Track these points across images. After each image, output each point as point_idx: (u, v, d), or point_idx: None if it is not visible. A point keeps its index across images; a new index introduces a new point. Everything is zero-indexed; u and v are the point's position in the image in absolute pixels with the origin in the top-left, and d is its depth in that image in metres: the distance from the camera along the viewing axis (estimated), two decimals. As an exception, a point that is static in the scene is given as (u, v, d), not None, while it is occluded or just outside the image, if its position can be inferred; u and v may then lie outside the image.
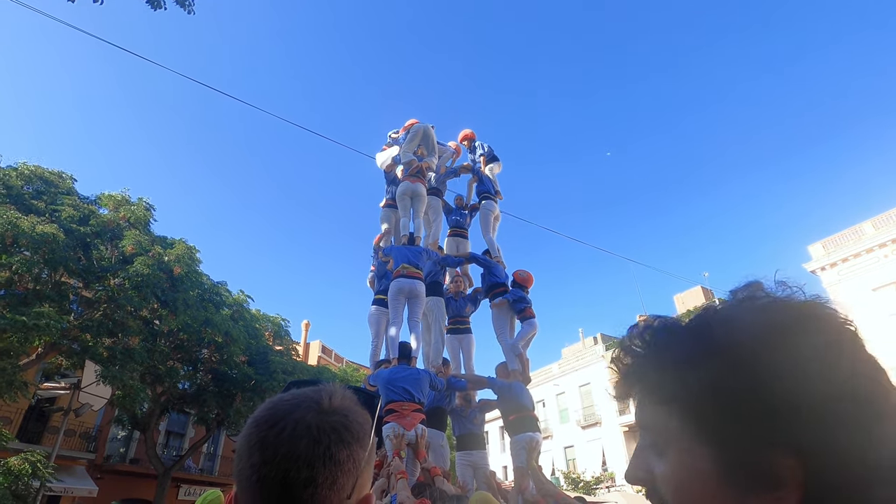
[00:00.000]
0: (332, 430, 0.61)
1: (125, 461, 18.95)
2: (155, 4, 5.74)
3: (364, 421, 0.66)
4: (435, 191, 8.05)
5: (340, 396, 0.67)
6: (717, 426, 0.41)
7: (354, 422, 0.64)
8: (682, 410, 0.43)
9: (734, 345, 0.42)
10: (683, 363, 0.44)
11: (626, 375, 0.50)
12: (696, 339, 0.45)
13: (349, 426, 0.63)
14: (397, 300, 6.25)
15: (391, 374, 5.12)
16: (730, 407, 0.40)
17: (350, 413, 0.65)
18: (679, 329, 0.48)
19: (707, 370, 0.42)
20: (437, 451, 5.48)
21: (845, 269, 22.31)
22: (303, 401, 0.64)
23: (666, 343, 0.47)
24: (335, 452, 0.60)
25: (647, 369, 0.48)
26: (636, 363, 0.49)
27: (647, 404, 0.47)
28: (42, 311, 10.56)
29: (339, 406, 0.65)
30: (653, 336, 0.49)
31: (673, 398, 0.44)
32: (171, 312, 13.36)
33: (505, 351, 6.53)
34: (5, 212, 10.77)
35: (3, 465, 9.87)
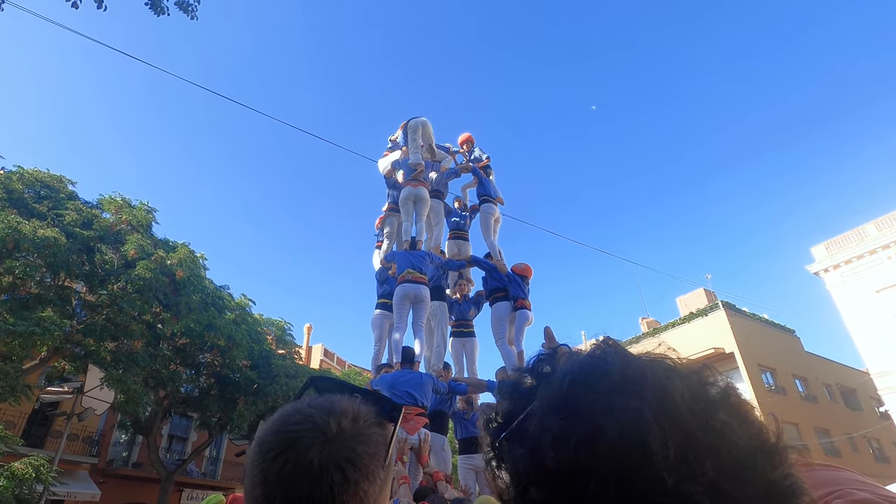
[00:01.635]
0: (335, 467, 0.57)
1: (128, 465, 18.95)
2: (158, 10, 5.79)
3: (377, 447, 0.61)
4: (436, 193, 8.06)
5: (352, 417, 0.62)
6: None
7: (364, 453, 0.59)
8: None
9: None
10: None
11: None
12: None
13: (356, 460, 0.58)
14: (402, 305, 6.27)
15: (394, 378, 5.13)
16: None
17: (360, 440, 0.60)
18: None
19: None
20: (439, 454, 5.48)
21: (848, 270, 22.25)
22: (309, 428, 0.59)
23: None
24: (337, 494, 0.56)
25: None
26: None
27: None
28: (43, 316, 10.60)
29: (349, 432, 0.60)
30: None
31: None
32: (174, 316, 13.39)
33: (503, 355, 6.53)
34: (7, 216, 10.83)
35: (7, 469, 9.89)
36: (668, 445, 0.33)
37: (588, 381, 0.39)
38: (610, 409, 0.35)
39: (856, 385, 27.13)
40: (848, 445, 23.82)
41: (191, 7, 5.95)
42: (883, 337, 20.35)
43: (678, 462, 0.33)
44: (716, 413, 0.36)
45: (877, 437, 25.10)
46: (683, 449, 0.33)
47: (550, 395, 0.40)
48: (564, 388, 0.39)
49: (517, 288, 6.75)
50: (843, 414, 25.80)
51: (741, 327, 24.24)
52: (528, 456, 0.38)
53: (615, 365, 0.39)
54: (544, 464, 0.37)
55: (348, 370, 29.17)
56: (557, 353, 0.45)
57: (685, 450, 0.33)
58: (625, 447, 0.33)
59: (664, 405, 0.35)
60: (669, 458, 0.33)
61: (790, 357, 25.70)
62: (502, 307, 6.71)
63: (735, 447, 0.35)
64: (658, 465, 0.32)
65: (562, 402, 0.39)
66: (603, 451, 0.34)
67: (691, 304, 28.36)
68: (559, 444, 0.36)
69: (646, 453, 0.33)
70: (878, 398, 22.13)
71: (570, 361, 0.43)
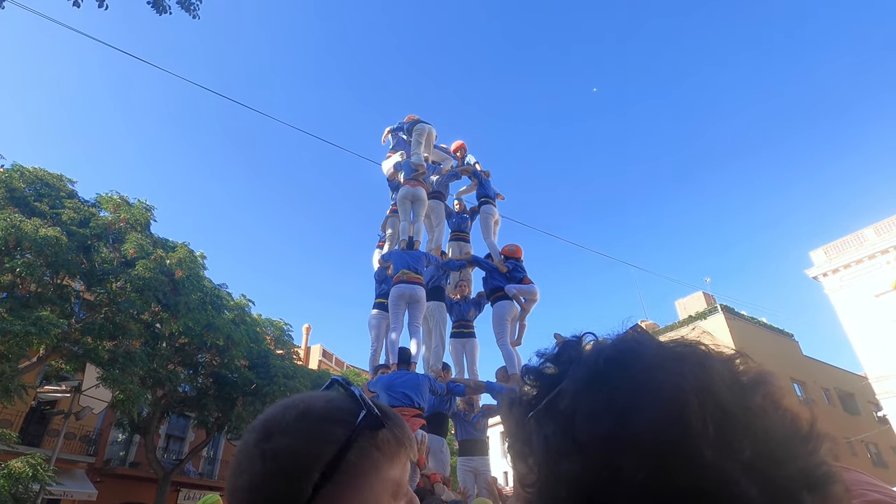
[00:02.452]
0: (261, 458, 0.51)
1: (125, 465, 18.90)
2: (160, 9, 5.79)
3: (317, 444, 0.51)
4: (437, 194, 8.07)
5: (302, 410, 0.54)
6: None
7: (290, 447, 0.51)
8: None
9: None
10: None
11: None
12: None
13: (279, 454, 0.51)
14: (398, 305, 6.26)
15: (391, 379, 5.12)
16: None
17: (292, 435, 0.52)
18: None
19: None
20: (438, 456, 5.47)
21: (847, 275, 22.27)
22: (259, 422, 0.55)
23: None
24: (259, 483, 0.50)
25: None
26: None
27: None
28: (41, 316, 10.57)
29: (288, 426, 0.53)
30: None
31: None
32: (173, 316, 13.37)
33: (504, 355, 6.53)
34: (8, 215, 10.82)
35: (3, 467, 9.86)
36: (707, 422, 0.33)
37: (624, 359, 0.39)
38: (649, 384, 0.35)
39: (854, 389, 27.14)
40: (846, 450, 23.81)
41: (192, 5, 5.95)
42: (881, 341, 20.36)
43: (716, 438, 0.33)
44: (753, 396, 0.36)
45: (875, 441, 25.09)
46: (722, 426, 0.33)
47: (584, 372, 0.40)
48: (600, 365, 0.39)
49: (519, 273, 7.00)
50: (841, 418, 25.79)
51: (740, 331, 24.26)
52: (560, 432, 0.38)
53: (650, 345, 0.40)
54: (577, 437, 0.36)
55: (347, 370, 29.15)
56: (582, 340, 0.45)
57: (723, 427, 0.33)
58: (664, 421, 0.33)
59: (703, 382, 0.35)
60: (708, 434, 0.33)
61: (788, 361, 25.71)
62: (503, 307, 6.71)
63: (771, 430, 0.35)
64: (697, 439, 0.33)
65: (597, 378, 0.38)
66: (640, 425, 0.34)
67: (690, 307, 28.37)
68: (594, 419, 0.36)
69: (685, 428, 0.33)
70: (876, 402, 22.13)
71: (602, 344, 0.43)
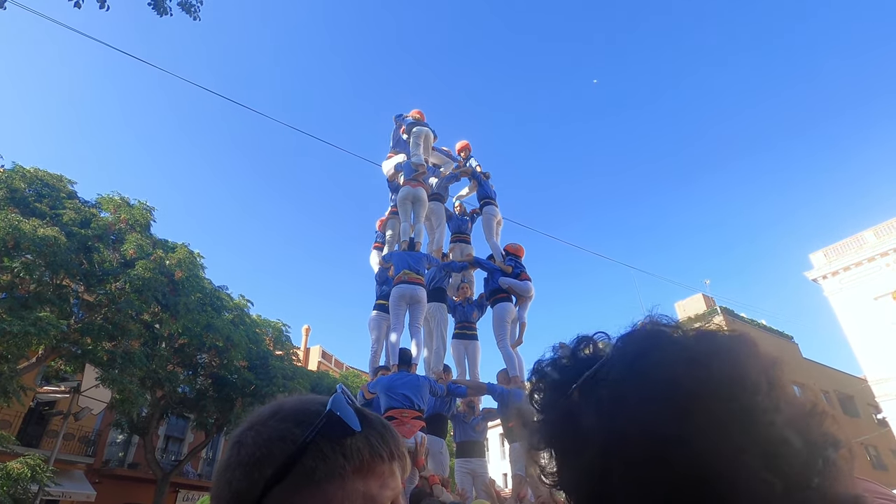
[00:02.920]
0: (232, 446, 0.53)
1: (124, 465, 18.87)
2: (160, 10, 5.80)
3: (272, 442, 0.50)
4: (437, 196, 8.08)
5: (275, 409, 0.54)
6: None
7: (252, 440, 0.51)
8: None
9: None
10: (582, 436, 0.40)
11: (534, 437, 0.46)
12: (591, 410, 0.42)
13: (243, 444, 0.51)
14: (399, 306, 6.26)
15: (391, 380, 5.12)
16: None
17: (257, 429, 0.52)
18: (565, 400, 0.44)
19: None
20: (437, 457, 5.46)
21: (847, 277, 22.27)
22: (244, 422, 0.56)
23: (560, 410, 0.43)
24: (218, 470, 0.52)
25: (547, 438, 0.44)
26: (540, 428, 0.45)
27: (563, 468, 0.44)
28: (40, 316, 10.56)
29: (258, 421, 0.53)
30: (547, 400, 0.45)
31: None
32: (172, 316, 13.37)
33: (505, 357, 6.53)
34: (7, 215, 10.82)
35: (2, 468, 9.84)
36: (760, 386, 0.39)
37: (669, 335, 0.43)
38: (713, 349, 0.41)
39: (853, 392, 27.14)
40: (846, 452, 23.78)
41: (193, 8, 5.96)
42: (881, 344, 20.36)
43: (766, 396, 0.39)
44: (777, 410, 0.41)
45: (874, 443, 25.06)
46: (739, 428, 0.38)
47: (633, 346, 0.43)
48: (632, 359, 0.42)
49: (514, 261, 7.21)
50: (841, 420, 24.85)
51: (739, 333, 24.23)
52: (612, 400, 0.40)
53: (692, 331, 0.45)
54: (648, 395, 0.39)
55: (346, 371, 29.12)
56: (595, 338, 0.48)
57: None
58: (728, 377, 0.39)
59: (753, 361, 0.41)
60: (762, 393, 0.39)
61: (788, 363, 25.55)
62: (503, 308, 6.71)
63: (791, 449, 0.39)
64: (756, 396, 0.39)
65: (646, 350, 0.42)
66: (707, 379, 0.38)
67: (689, 309, 28.37)
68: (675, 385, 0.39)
69: (744, 385, 0.39)
70: (875, 405, 22.11)
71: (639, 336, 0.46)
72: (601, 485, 0.39)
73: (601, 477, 0.39)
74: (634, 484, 0.38)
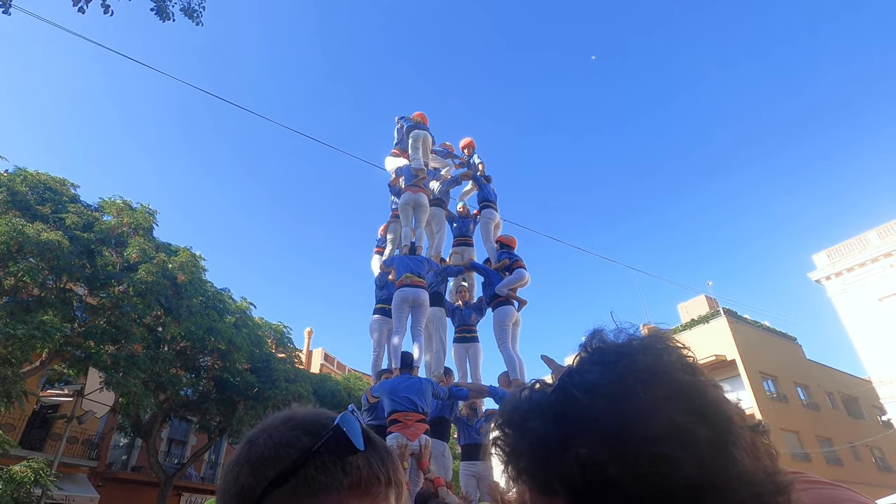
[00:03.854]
0: (243, 444, 0.56)
1: (127, 469, 18.89)
2: (163, 16, 5.83)
3: (281, 449, 0.52)
4: (438, 201, 8.09)
5: (286, 417, 0.57)
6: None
7: (264, 444, 0.53)
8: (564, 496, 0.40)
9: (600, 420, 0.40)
10: (554, 448, 0.41)
11: (507, 463, 0.46)
12: (560, 419, 0.42)
13: (254, 446, 0.54)
14: (401, 309, 6.27)
15: (394, 384, 5.12)
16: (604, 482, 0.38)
17: (264, 435, 0.55)
18: (544, 408, 0.44)
19: (576, 452, 0.39)
20: (440, 461, 5.46)
21: (850, 278, 22.20)
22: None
23: (535, 428, 0.44)
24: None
25: (524, 460, 0.44)
26: (513, 453, 0.45)
27: (534, 494, 0.44)
28: (44, 320, 10.59)
29: (271, 427, 0.56)
30: (520, 421, 0.45)
31: (551, 488, 0.41)
32: (175, 320, 13.40)
33: (506, 360, 6.52)
34: (11, 219, 10.87)
35: (5, 472, 9.87)
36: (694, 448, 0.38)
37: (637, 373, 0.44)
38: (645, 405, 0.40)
39: (858, 393, 27.00)
40: (850, 454, 23.68)
41: (196, 13, 5.99)
42: (885, 345, 20.27)
43: (703, 460, 0.37)
44: (736, 438, 0.40)
45: (879, 445, 24.94)
46: (705, 455, 0.38)
47: (610, 374, 0.44)
48: (621, 370, 0.44)
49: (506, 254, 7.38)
50: (845, 422, 25.65)
51: (743, 334, 24.15)
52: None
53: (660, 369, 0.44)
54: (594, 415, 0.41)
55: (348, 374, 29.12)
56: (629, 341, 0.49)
57: (708, 455, 0.38)
58: (654, 432, 0.38)
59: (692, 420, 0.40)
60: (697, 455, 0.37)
61: (792, 365, 25.59)
62: (504, 311, 6.71)
63: (748, 474, 0.39)
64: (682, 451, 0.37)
65: (613, 381, 0.43)
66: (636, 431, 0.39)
67: (692, 310, 28.29)
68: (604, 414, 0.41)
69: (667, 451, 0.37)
70: (880, 407, 22.01)
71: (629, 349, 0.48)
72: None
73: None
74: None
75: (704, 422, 0.39)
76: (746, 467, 0.38)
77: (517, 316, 6.79)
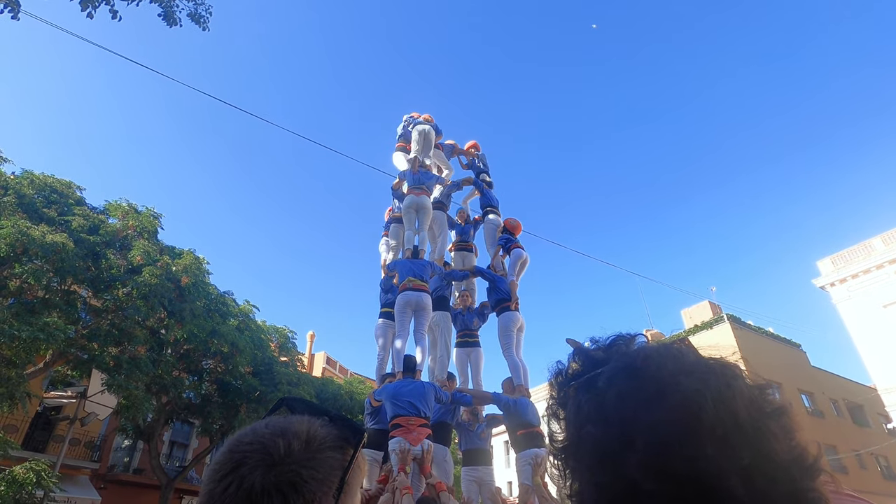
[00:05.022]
0: (276, 491, 0.55)
1: (128, 471, 18.89)
2: (170, 21, 5.88)
3: (328, 472, 0.59)
4: (439, 205, 8.10)
5: (305, 439, 0.59)
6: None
7: (311, 478, 0.57)
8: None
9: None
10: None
11: (566, 458, 0.50)
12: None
13: (300, 485, 0.56)
14: (404, 313, 6.27)
15: (396, 388, 5.11)
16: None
17: (308, 465, 0.58)
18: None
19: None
20: (441, 466, 5.44)
21: (855, 285, 22.08)
22: (256, 450, 0.58)
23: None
24: None
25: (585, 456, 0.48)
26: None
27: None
28: (47, 322, 10.63)
29: (297, 455, 0.58)
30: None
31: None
32: (178, 322, 13.42)
33: (510, 365, 6.50)
34: (16, 221, 10.93)
35: (7, 473, 9.88)
36: (717, 426, 0.40)
37: (660, 360, 0.46)
38: (676, 383, 0.42)
39: (863, 401, 26.77)
40: (855, 462, 23.46)
41: (203, 19, 6.04)
42: (890, 352, 20.12)
43: (722, 441, 0.39)
44: (768, 421, 0.43)
45: (885, 454, 24.71)
46: (730, 434, 0.40)
47: (624, 362, 0.47)
48: (639, 360, 0.47)
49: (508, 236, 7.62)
50: (850, 430, 25.43)
51: (746, 341, 24.02)
52: (592, 401, 0.46)
53: (689, 355, 0.47)
54: (605, 411, 0.44)
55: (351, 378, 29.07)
56: (634, 338, 0.52)
57: (731, 435, 0.40)
58: (680, 413, 0.40)
59: (724, 395, 0.42)
60: (716, 435, 0.39)
61: (796, 371, 25.42)
62: (509, 317, 6.70)
63: (775, 453, 0.41)
64: (705, 436, 0.39)
65: (633, 368, 0.46)
66: (659, 412, 0.41)
67: (696, 316, 28.19)
68: (622, 399, 0.44)
69: (695, 424, 0.40)
70: (885, 414, 21.81)
71: (647, 345, 0.51)
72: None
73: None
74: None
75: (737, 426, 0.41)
76: (782, 459, 0.41)
77: (522, 321, 6.78)
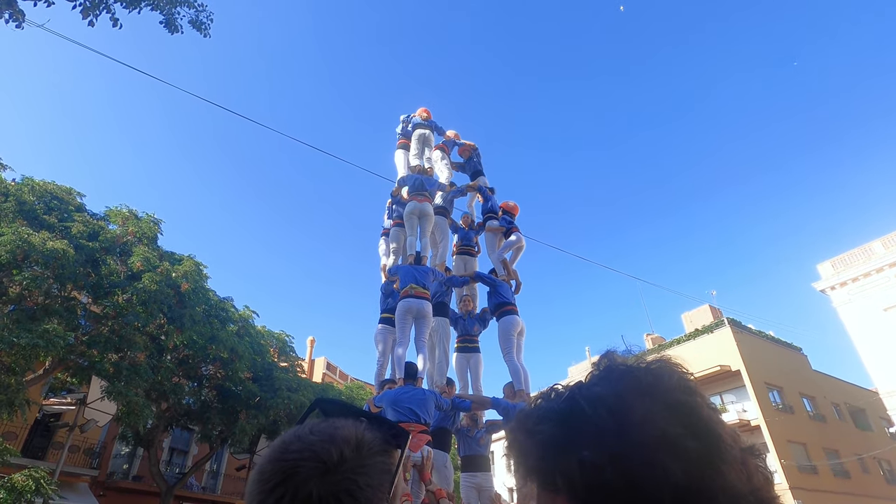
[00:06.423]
0: (334, 500, 0.54)
1: (128, 478, 18.80)
2: (172, 28, 5.91)
3: (381, 477, 0.59)
4: (442, 210, 8.11)
5: (355, 445, 0.59)
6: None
7: (367, 485, 0.57)
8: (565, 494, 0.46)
9: (601, 426, 0.46)
10: (559, 449, 0.47)
11: (518, 462, 0.52)
12: (567, 424, 0.48)
13: (357, 492, 0.56)
14: (405, 320, 6.27)
15: (397, 394, 5.10)
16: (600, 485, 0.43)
17: (362, 471, 0.58)
18: (553, 414, 0.50)
19: (578, 454, 0.45)
20: (441, 472, 5.42)
21: (855, 288, 22.07)
22: (308, 457, 0.57)
23: (544, 431, 0.50)
24: None
25: (532, 459, 0.50)
26: (522, 453, 0.51)
27: (539, 490, 0.49)
28: (47, 329, 10.61)
29: (351, 462, 0.57)
30: (532, 424, 0.51)
31: (554, 485, 0.47)
32: (178, 328, 13.39)
33: (511, 370, 6.49)
34: (17, 228, 10.94)
35: (6, 481, 9.84)
36: (678, 461, 0.42)
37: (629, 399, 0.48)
38: (640, 424, 0.45)
39: (865, 404, 26.70)
40: (858, 466, 23.36)
41: (204, 25, 6.07)
42: (891, 356, 20.10)
43: (684, 478, 0.41)
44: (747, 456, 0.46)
45: (887, 458, 24.62)
46: (690, 471, 0.42)
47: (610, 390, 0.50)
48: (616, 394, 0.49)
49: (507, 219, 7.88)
50: (852, 434, 25.35)
51: (747, 345, 23.97)
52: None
53: (658, 390, 0.49)
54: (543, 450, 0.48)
55: (351, 384, 29.00)
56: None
57: (693, 471, 0.42)
58: (645, 449, 0.42)
59: (680, 429, 0.44)
60: (678, 473, 0.41)
61: (797, 375, 25.36)
62: (509, 321, 6.70)
63: (731, 487, 0.43)
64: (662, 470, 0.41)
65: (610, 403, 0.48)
66: (626, 448, 0.43)
67: (696, 320, 28.17)
68: (600, 431, 0.46)
69: (656, 463, 0.42)
70: (888, 418, 21.76)
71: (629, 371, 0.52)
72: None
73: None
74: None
75: (695, 436, 0.43)
76: (732, 482, 0.43)
77: (522, 326, 6.78)
